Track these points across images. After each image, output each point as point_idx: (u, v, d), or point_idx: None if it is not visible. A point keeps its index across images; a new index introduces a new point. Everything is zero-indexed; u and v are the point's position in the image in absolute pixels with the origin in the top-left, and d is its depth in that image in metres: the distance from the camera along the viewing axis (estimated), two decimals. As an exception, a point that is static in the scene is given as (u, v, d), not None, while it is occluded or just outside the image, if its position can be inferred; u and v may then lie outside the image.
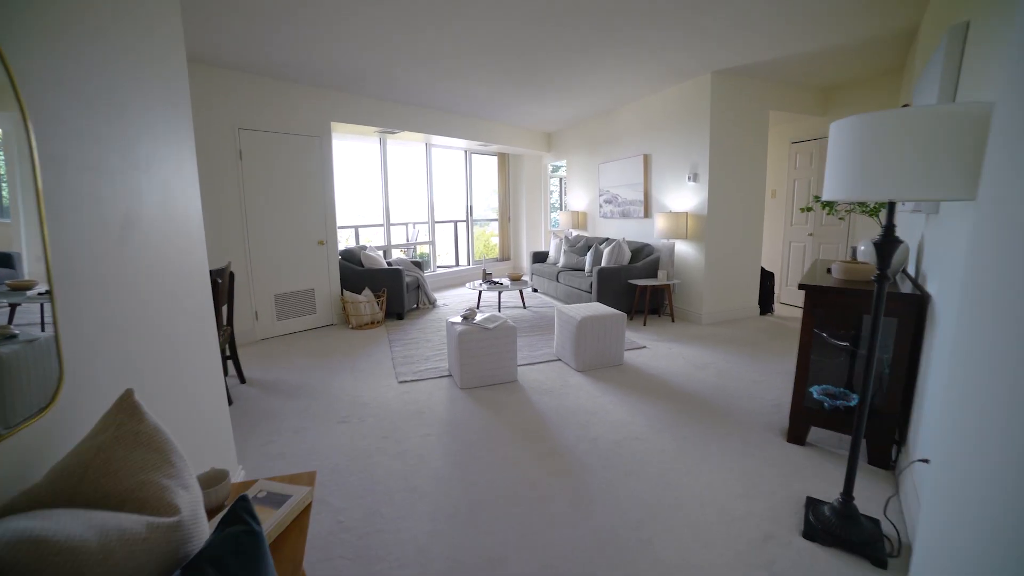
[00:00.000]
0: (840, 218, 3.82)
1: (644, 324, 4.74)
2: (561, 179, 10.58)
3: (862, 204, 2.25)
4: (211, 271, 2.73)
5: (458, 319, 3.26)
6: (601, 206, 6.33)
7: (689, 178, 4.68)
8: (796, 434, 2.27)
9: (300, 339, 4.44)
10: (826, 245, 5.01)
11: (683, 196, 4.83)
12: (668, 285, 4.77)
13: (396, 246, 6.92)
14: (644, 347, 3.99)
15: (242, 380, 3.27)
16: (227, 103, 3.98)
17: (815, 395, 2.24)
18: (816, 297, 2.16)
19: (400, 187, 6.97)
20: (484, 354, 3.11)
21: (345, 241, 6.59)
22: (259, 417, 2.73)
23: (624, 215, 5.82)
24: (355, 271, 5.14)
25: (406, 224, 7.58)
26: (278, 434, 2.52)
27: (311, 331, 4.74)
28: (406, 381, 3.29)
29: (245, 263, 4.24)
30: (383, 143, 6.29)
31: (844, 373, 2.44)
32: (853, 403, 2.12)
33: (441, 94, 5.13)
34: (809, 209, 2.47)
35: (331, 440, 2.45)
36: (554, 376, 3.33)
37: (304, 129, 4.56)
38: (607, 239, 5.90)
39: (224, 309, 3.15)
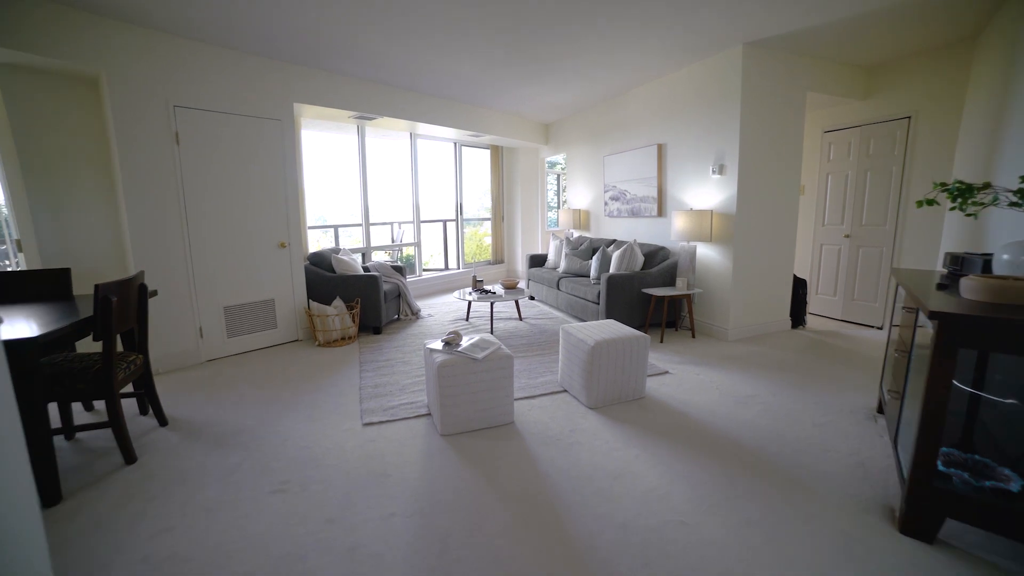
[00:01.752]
0: (970, 215, 2.91)
1: (661, 341, 4.07)
2: (559, 176, 9.94)
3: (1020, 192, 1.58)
4: (100, 286, 2.03)
5: (438, 344, 2.56)
6: (607, 203, 5.66)
7: (714, 171, 4.01)
8: (920, 527, 1.59)
9: (255, 360, 3.72)
10: (868, 249, 4.37)
11: (706, 192, 4.17)
12: (688, 295, 4.11)
13: (377, 248, 6.21)
14: (666, 372, 3.32)
15: (162, 422, 2.55)
16: (157, 73, 3.24)
17: (939, 465, 1.57)
18: (964, 331, 1.45)
19: (383, 183, 6.25)
20: (471, 392, 2.41)
21: (316, 244, 5.87)
22: (164, 484, 2.01)
23: (634, 214, 5.15)
24: (325, 278, 4.42)
25: (391, 224, 6.88)
26: (181, 516, 1.80)
27: (271, 349, 4.02)
28: (373, 423, 2.59)
29: (186, 270, 3.51)
30: (361, 133, 5.57)
31: (981, 433, 1.77)
32: (1016, 487, 1.45)
33: (426, 74, 4.43)
34: (931, 203, 1.80)
35: (255, 526, 1.74)
36: (560, 416, 2.64)
37: (261, 110, 3.84)
38: (614, 241, 5.24)
39: (136, 332, 2.43)
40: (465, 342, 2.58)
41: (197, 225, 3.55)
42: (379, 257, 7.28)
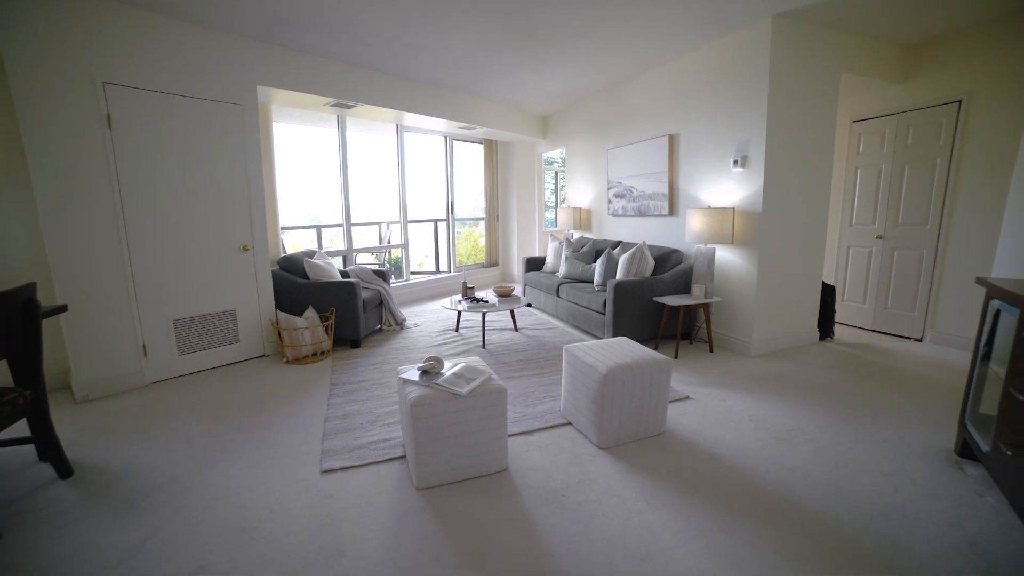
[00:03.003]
0: None
1: (675, 357, 3.59)
2: (557, 173, 9.46)
3: None
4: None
5: (414, 373, 2.06)
6: (610, 201, 5.17)
7: (735, 163, 3.53)
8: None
9: (209, 381, 3.21)
10: (905, 252, 3.90)
11: (725, 187, 3.69)
12: (706, 304, 3.63)
13: (362, 250, 5.69)
14: (687, 397, 2.83)
15: (63, 473, 2.03)
16: (78, 44, 2.71)
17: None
18: None
19: (367, 180, 5.75)
20: (454, 435, 1.92)
21: (292, 247, 5.35)
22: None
23: (641, 212, 4.67)
24: (296, 285, 3.91)
25: (379, 224, 6.38)
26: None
27: (231, 368, 3.50)
28: (334, 470, 2.09)
29: (124, 278, 2.98)
30: (342, 124, 5.06)
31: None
32: None
33: (411, 56, 3.93)
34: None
35: (142, 648, 1.24)
36: (565, 460, 2.14)
37: (217, 92, 3.32)
38: (619, 243, 4.75)
39: (23, 360, 1.92)
40: (448, 369, 2.08)
41: (138, 225, 3.03)
42: (366, 260, 6.77)
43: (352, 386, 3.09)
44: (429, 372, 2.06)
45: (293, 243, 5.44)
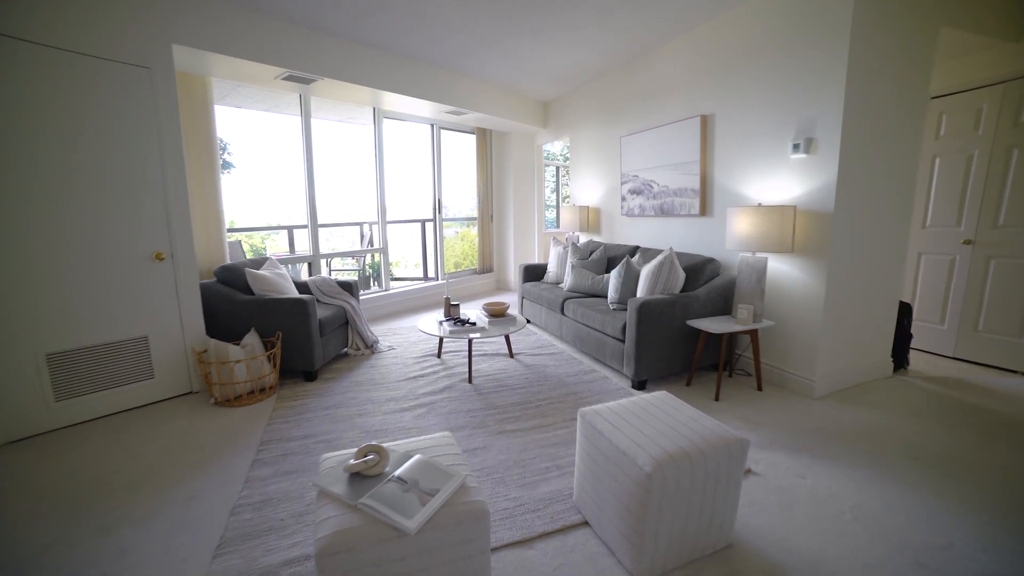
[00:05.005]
0: None
1: (717, 399, 2.78)
2: (557, 169, 8.65)
3: None
4: None
5: (338, 482, 1.24)
6: (624, 199, 4.36)
7: (796, 147, 2.72)
8: None
9: (89, 439, 2.38)
10: (1005, 261, 3.08)
11: (780, 180, 2.88)
12: (755, 331, 2.82)
13: (332, 255, 4.88)
14: (748, 471, 2.02)
15: None
16: None
17: None
18: None
19: (342, 174, 4.94)
20: (396, 602, 1.10)
21: (249, 250, 4.54)
22: None
23: (664, 212, 3.85)
24: (235, 303, 3.09)
25: (359, 224, 5.57)
26: None
27: (139, 413, 2.68)
28: (207, 631, 1.27)
29: (-30, 300, 2.17)
30: (305, 106, 4.24)
31: None
32: None
33: (386, 16, 3.11)
34: None
35: None
36: (587, 612, 1.33)
37: (113, 50, 2.50)
38: (637, 249, 3.94)
39: None
40: (395, 468, 1.26)
41: (-7, 228, 2.21)
42: (344, 266, 5.96)
43: (289, 445, 2.28)
44: (364, 474, 1.24)
45: (265, 247, 4.62)
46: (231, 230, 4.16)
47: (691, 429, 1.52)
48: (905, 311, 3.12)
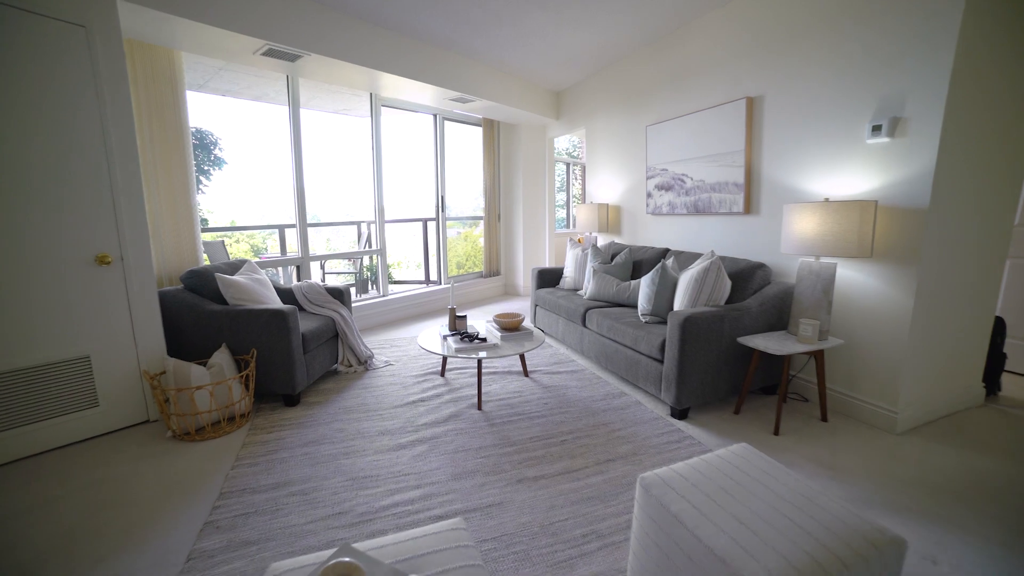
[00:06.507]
0: None
1: (776, 432, 2.29)
2: (568, 165, 8.18)
3: None
4: None
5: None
6: (650, 195, 3.88)
7: (875, 130, 2.24)
8: None
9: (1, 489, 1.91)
10: (1116, 268, 2.60)
11: (851, 171, 2.39)
12: (820, 351, 2.33)
13: (325, 256, 4.41)
14: (851, 545, 1.53)
15: None
16: None
17: None
18: None
19: (334, 169, 4.48)
20: None
21: (239, 250, 4.07)
22: None
23: (699, 210, 3.37)
24: (204, 314, 2.62)
25: (357, 224, 5.11)
26: None
27: (77, 448, 2.21)
28: None
29: None
30: (293, 88, 3.77)
31: None
32: None
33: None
34: None
35: None
36: None
37: (38, 2, 2.03)
38: (667, 251, 3.47)
39: None
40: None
41: None
42: (340, 268, 5.49)
43: (254, 500, 1.80)
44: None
45: (267, 247, 4.15)
46: (208, 229, 3.70)
47: (808, 515, 1.04)
48: (998, 328, 2.64)
